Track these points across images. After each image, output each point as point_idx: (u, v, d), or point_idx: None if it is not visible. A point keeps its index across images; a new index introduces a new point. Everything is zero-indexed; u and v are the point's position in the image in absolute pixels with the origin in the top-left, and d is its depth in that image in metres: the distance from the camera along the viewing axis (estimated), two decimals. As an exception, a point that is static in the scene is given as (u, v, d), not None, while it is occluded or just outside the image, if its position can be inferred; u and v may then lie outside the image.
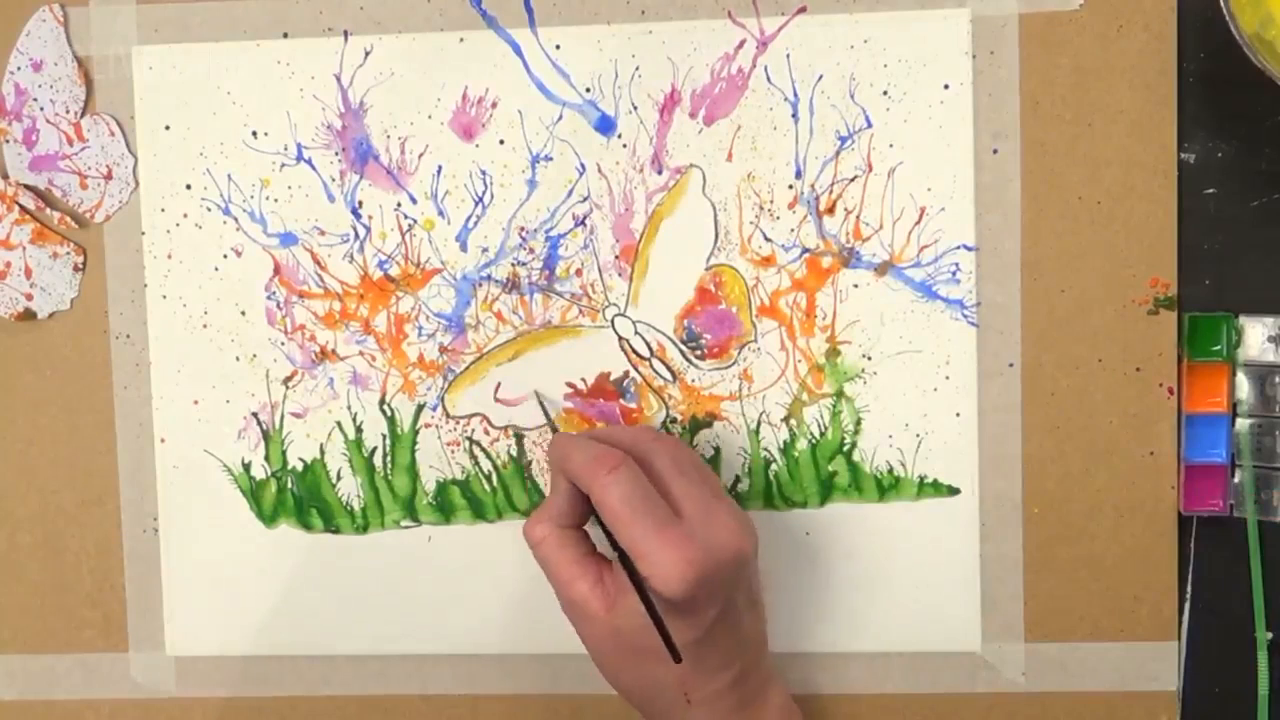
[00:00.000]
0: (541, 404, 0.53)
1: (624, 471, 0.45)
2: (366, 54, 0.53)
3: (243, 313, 0.55)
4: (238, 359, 0.55)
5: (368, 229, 0.54)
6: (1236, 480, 0.52)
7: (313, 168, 0.54)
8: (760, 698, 0.48)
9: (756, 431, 0.53)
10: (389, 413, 0.55)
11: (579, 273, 0.54)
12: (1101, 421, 0.52)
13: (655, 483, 0.46)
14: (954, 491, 0.53)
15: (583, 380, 0.54)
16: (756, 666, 0.48)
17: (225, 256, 0.55)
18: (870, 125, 0.52)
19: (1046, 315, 0.52)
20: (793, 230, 0.53)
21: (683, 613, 0.45)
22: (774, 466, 0.53)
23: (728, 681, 0.47)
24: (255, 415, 0.55)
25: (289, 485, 0.55)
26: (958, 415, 0.53)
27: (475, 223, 0.54)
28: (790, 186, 0.53)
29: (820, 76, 0.52)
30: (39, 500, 0.56)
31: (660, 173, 0.53)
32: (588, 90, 0.53)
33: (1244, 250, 0.52)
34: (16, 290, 0.55)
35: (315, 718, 0.56)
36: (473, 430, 0.54)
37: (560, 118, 0.53)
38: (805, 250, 0.53)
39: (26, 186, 0.55)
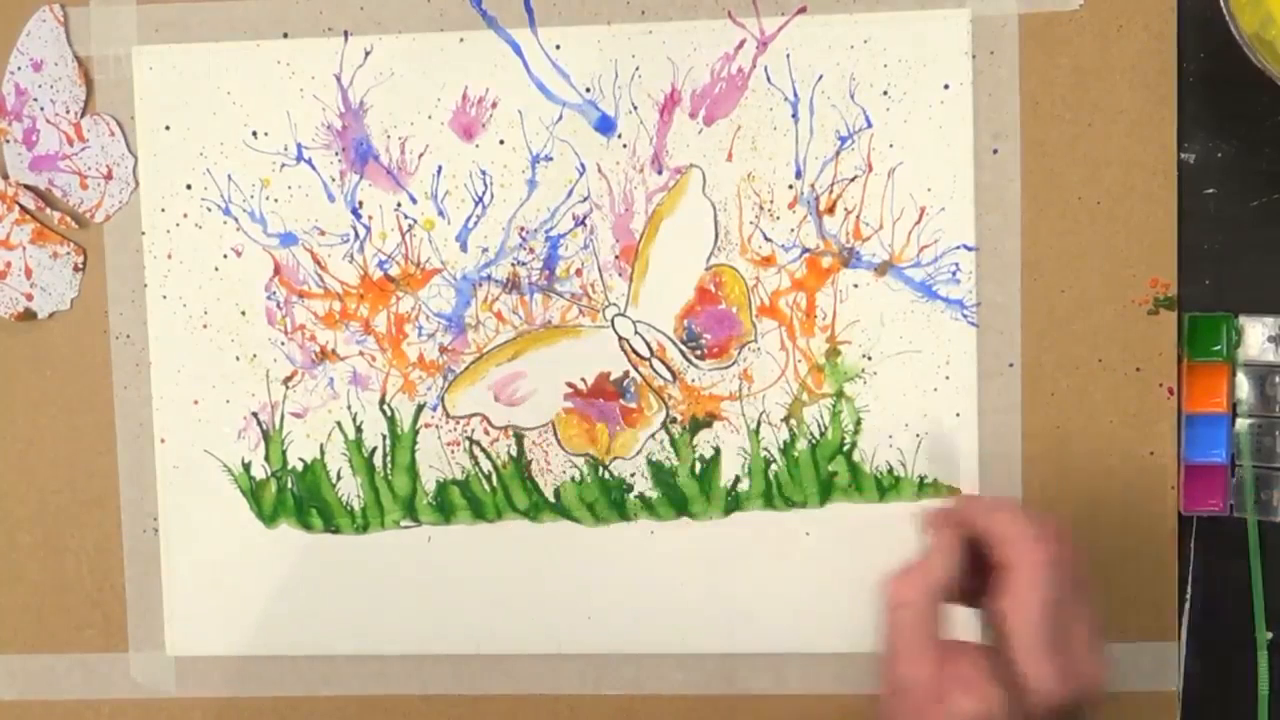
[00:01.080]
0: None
1: (1062, 569, 0.41)
2: (366, 54, 0.53)
3: (243, 313, 0.55)
4: (238, 359, 0.55)
5: (368, 229, 0.54)
6: (1236, 480, 0.52)
7: (313, 168, 0.54)
8: None
9: (756, 431, 0.53)
10: (389, 413, 0.55)
11: (579, 273, 0.54)
12: (1101, 421, 0.52)
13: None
14: (954, 491, 0.53)
15: (583, 380, 0.54)
16: None
17: (225, 256, 0.55)
18: (870, 125, 0.52)
19: (1046, 315, 0.52)
20: (793, 230, 0.53)
21: None
22: (774, 466, 0.53)
23: None
24: (255, 415, 0.55)
25: (289, 485, 0.55)
26: (958, 415, 0.53)
27: (475, 223, 0.54)
28: (790, 186, 0.53)
29: (820, 76, 0.52)
30: (39, 500, 0.56)
31: (660, 173, 0.53)
32: (588, 90, 0.53)
33: (1244, 250, 0.52)
34: (16, 290, 0.55)
35: (315, 718, 0.56)
36: (473, 430, 0.54)
37: (560, 118, 0.53)
38: (805, 250, 0.53)
39: (26, 186, 0.55)
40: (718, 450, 0.54)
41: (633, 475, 0.54)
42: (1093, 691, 0.42)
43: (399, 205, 0.54)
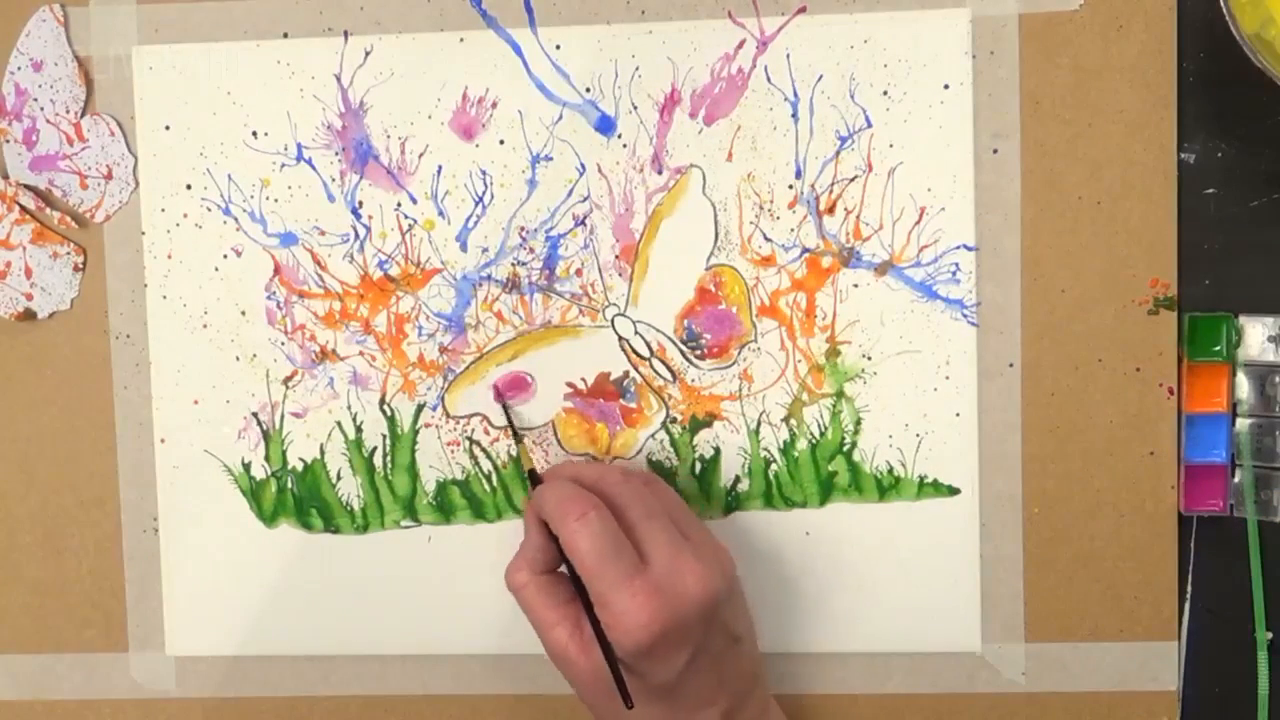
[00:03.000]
0: (508, 416, 0.54)
1: (592, 517, 0.46)
2: (366, 54, 0.53)
3: (243, 313, 0.55)
4: (238, 359, 0.55)
5: (368, 229, 0.54)
6: (1236, 480, 0.52)
7: (313, 168, 0.54)
8: None
9: (756, 431, 0.53)
10: (389, 413, 0.55)
11: (579, 273, 0.54)
12: (1101, 421, 0.52)
13: (623, 525, 0.46)
14: (954, 491, 0.53)
15: (583, 380, 0.54)
16: (746, 701, 0.48)
17: (225, 256, 0.55)
18: (870, 125, 0.52)
19: (1046, 315, 0.52)
20: (793, 230, 0.53)
21: (650, 659, 0.45)
22: (774, 466, 0.53)
23: (715, 716, 0.47)
24: (255, 415, 0.55)
25: (289, 485, 0.55)
26: (958, 415, 0.53)
27: (475, 223, 0.54)
28: (790, 186, 0.53)
29: (820, 76, 0.52)
30: (39, 500, 0.56)
31: (660, 173, 0.53)
32: (588, 90, 0.53)
33: (1244, 250, 0.52)
34: (16, 290, 0.55)
35: (315, 718, 0.56)
36: (473, 430, 0.54)
37: (560, 118, 0.53)
38: (805, 250, 0.53)
39: (26, 186, 0.55)
40: (718, 450, 0.54)
41: (633, 475, 0.54)
42: (690, 595, 0.45)
43: (399, 205, 0.54)
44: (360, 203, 0.54)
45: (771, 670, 0.54)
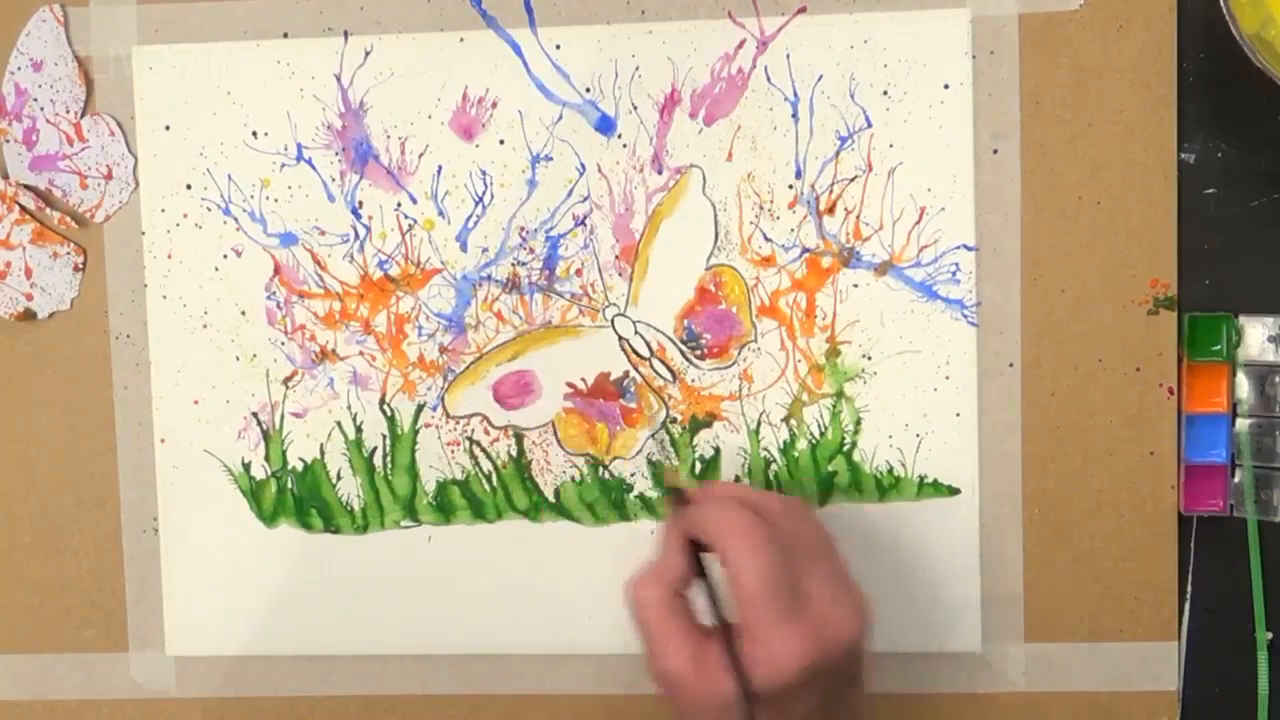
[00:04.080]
0: (666, 445, 0.53)
1: (764, 546, 0.43)
2: (366, 54, 0.53)
3: (243, 313, 0.55)
4: (238, 359, 0.55)
5: (368, 229, 0.54)
6: (1236, 480, 0.52)
7: (313, 168, 0.54)
8: None
9: (756, 431, 0.53)
10: (389, 413, 0.55)
11: (579, 273, 0.54)
12: (1101, 421, 0.52)
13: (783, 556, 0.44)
14: (954, 491, 0.53)
15: (583, 380, 0.54)
16: None
17: (225, 256, 0.55)
18: (870, 125, 0.52)
19: (1046, 315, 0.52)
20: (793, 230, 0.53)
21: (786, 697, 0.43)
22: (774, 466, 0.53)
23: None
24: (255, 415, 0.55)
25: (289, 485, 0.55)
26: (958, 415, 0.53)
27: (475, 223, 0.54)
28: (790, 186, 0.53)
29: (820, 76, 0.52)
30: (39, 500, 0.56)
31: (660, 173, 0.53)
32: (588, 90, 0.53)
33: (1244, 250, 0.52)
34: (16, 290, 0.55)
35: (315, 718, 0.56)
36: (473, 430, 0.54)
37: (560, 118, 0.53)
38: (805, 250, 0.53)
39: (26, 186, 0.55)
40: (718, 450, 0.54)
41: (633, 475, 0.54)
42: (839, 639, 0.43)
43: (399, 205, 0.54)
44: (360, 203, 0.54)
45: (771, 670, 0.54)
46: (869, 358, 0.53)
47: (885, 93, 0.52)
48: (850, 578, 0.46)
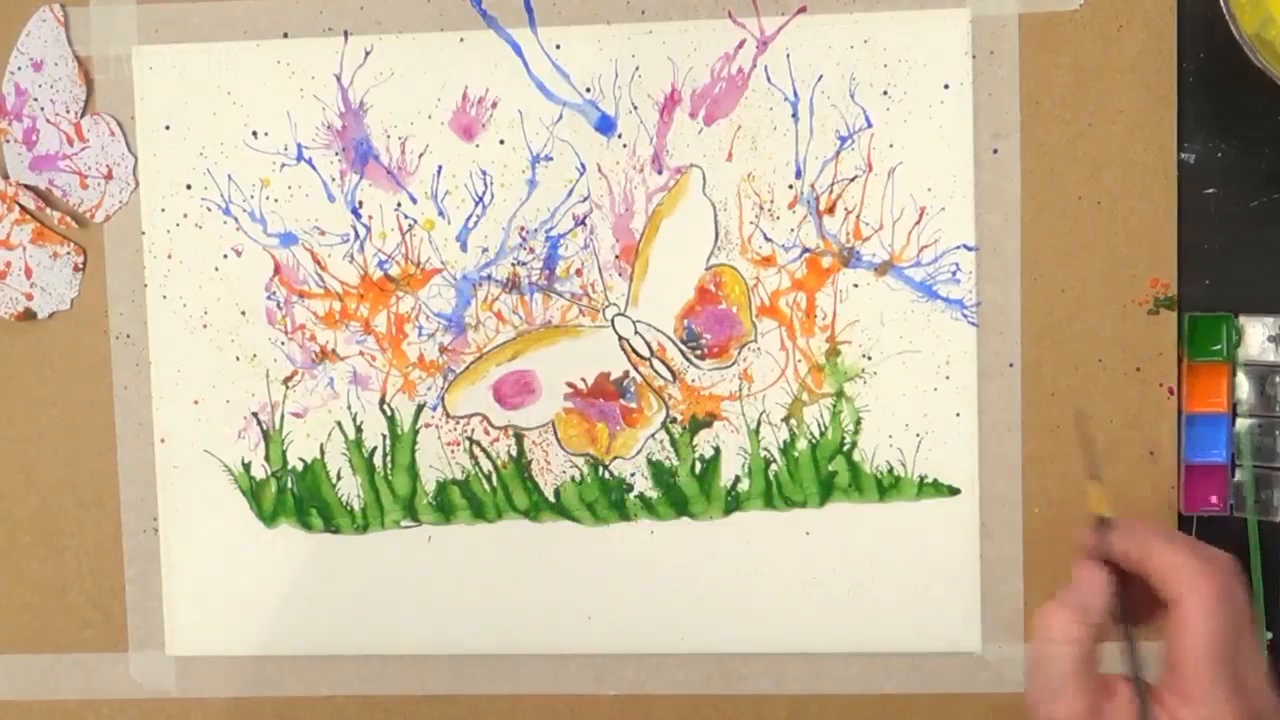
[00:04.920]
0: (1088, 441, 0.49)
1: (1228, 604, 0.39)
2: (366, 54, 0.53)
3: (243, 313, 0.55)
4: (238, 359, 0.55)
5: (368, 229, 0.54)
6: (1236, 480, 0.52)
7: (313, 168, 0.54)
8: None
9: (756, 431, 0.53)
10: (389, 413, 0.55)
11: (579, 273, 0.54)
12: (1101, 421, 0.52)
13: None
14: (954, 491, 0.53)
15: (583, 380, 0.54)
16: None
17: (225, 256, 0.55)
18: (870, 125, 0.52)
19: (1046, 315, 0.52)
20: (793, 230, 0.53)
21: None
22: (774, 466, 0.53)
23: None
24: (255, 415, 0.55)
25: (289, 485, 0.55)
26: (958, 415, 0.53)
27: (475, 223, 0.54)
28: (790, 186, 0.53)
29: (820, 76, 0.52)
30: (39, 500, 0.56)
31: (660, 173, 0.53)
32: (588, 90, 0.53)
33: (1244, 250, 0.52)
34: (16, 290, 0.55)
35: (315, 718, 0.56)
36: (473, 430, 0.54)
37: (560, 118, 0.53)
38: (805, 250, 0.53)
39: (27, 186, 0.55)
40: (718, 450, 0.54)
41: (633, 475, 0.54)
42: None
43: (399, 205, 0.54)
44: (360, 203, 0.54)
45: (772, 670, 0.54)
46: (869, 358, 0.53)
47: (885, 93, 0.52)
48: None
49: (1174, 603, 0.39)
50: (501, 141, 0.53)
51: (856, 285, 0.53)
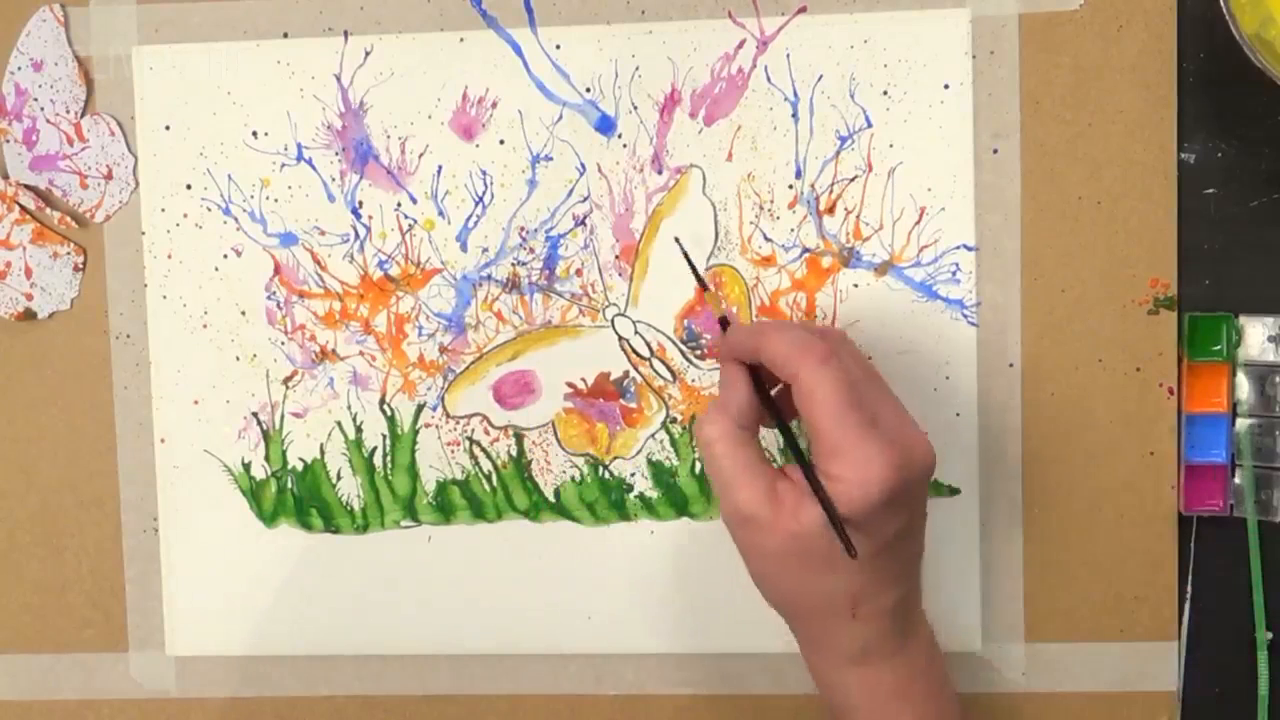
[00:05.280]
0: (690, 261, 0.51)
1: (837, 363, 0.42)
2: (366, 54, 0.53)
3: (243, 313, 0.55)
4: (238, 359, 0.55)
5: (368, 229, 0.54)
6: (1236, 480, 0.52)
7: (313, 168, 0.54)
8: (914, 629, 0.46)
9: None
10: (389, 413, 0.55)
11: (579, 273, 0.54)
12: (1101, 421, 0.52)
13: None
14: (954, 491, 0.53)
15: (583, 380, 0.54)
16: (915, 593, 0.46)
17: (225, 256, 0.55)
18: (870, 125, 0.52)
19: (1046, 315, 0.52)
20: (793, 230, 0.53)
21: (869, 521, 0.42)
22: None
23: (894, 600, 0.45)
24: (255, 415, 0.55)
25: (289, 485, 0.55)
26: (958, 415, 0.53)
27: (475, 223, 0.54)
28: (790, 186, 0.53)
29: (820, 76, 0.52)
30: (39, 500, 0.56)
31: (660, 173, 0.53)
32: (588, 90, 0.53)
33: (1244, 250, 0.52)
34: (16, 290, 0.55)
35: (315, 718, 0.56)
36: (473, 430, 0.54)
37: (560, 118, 0.53)
38: (805, 250, 0.53)
39: (26, 186, 0.55)
40: (718, 450, 0.54)
41: (633, 475, 0.54)
42: (921, 459, 0.43)
43: (399, 205, 0.54)
44: (360, 203, 0.54)
45: (772, 670, 0.54)
46: (869, 357, 0.53)
47: (885, 93, 0.52)
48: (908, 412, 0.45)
49: (793, 380, 0.43)
50: (501, 141, 0.53)
51: (856, 285, 0.53)
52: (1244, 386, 0.52)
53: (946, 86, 0.52)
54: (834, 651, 0.45)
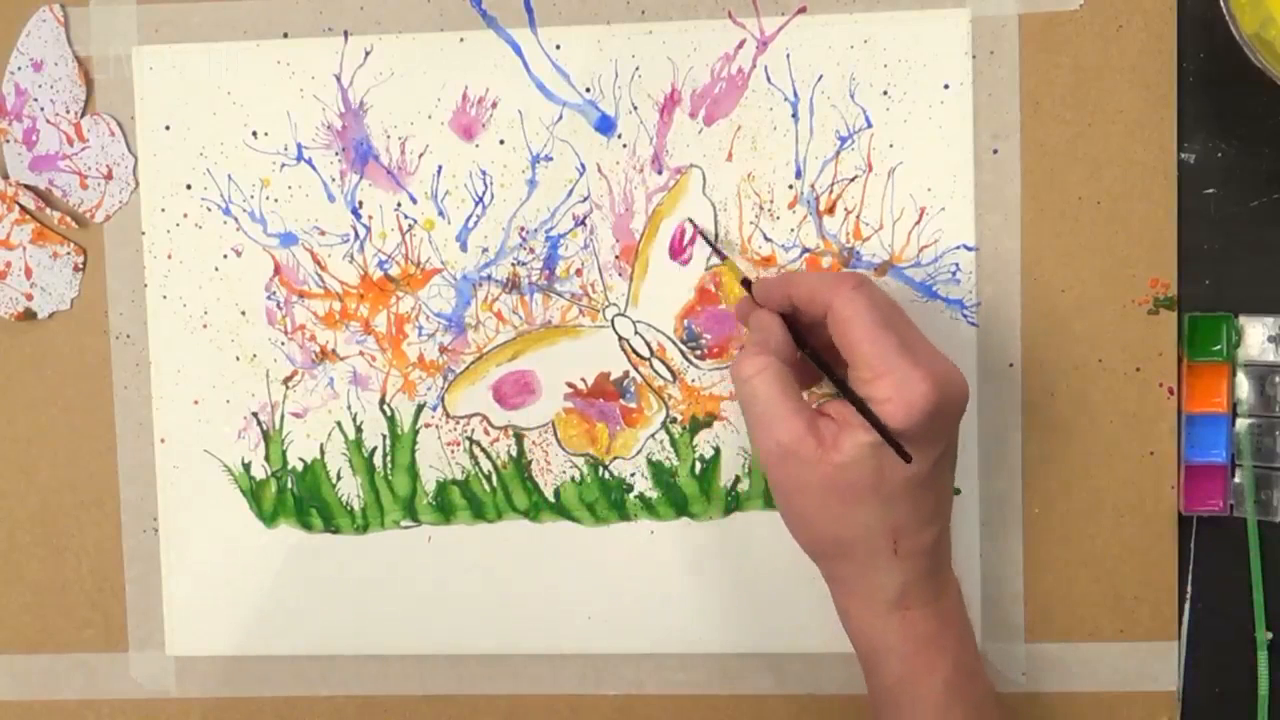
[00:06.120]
0: (704, 235, 0.52)
1: (870, 288, 0.43)
2: (366, 54, 0.53)
3: (243, 313, 0.55)
4: (238, 359, 0.55)
5: (368, 229, 0.54)
6: (1236, 480, 0.52)
7: (313, 168, 0.54)
8: (946, 582, 0.47)
9: (756, 431, 0.53)
10: (389, 413, 0.55)
11: (579, 273, 0.54)
12: (1101, 421, 0.52)
13: None
14: (954, 491, 0.53)
15: (583, 380, 0.54)
16: (948, 538, 0.47)
17: (225, 256, 0.55)
18: (870, 125, 0.52)
19: (1046, 315, 0.52)
20: (793, 230, 0.53)
21: (912, 440, 0.42)
22: (774, 466, 0.53)
23: (932, 538, 0.45)
24: (255, 415, 0.55)
25: (289, 485, 0.55)
26: (958, 415, 0.53)
27: (475, 223, 0.54)
28: (790, 186, 0.53)
29: (820, 76, 0.52)
30: (39, 500, 0.56)
31: (660, 173, 0.53)
32: (588, 90, 0.53)
33: (1244, 250, 0.52)
34: (16, 290, 0.55)
35: (315, 718, 0.56)
36: (473, 430, 0.54)
37: (560, 118, 0.53)
38: (805, 250, 0.53)
39: (26, 186, 0.55)
40: (718, 450, 0.54)
41: (633, 475, 0.54)
42: (958, 385, 0.43)
43: (399, 205, 0.54)
44: (360, 203, 0.54)
45: (772, 670, 0.54)
46: (869, 358, 0.53)
47: (885, 93, 0.52)
48: None
49: (828, 309, 0.44)
50: (501, 141, 0.53)
51: (856, 285, 0.53)
52: (1244, 386, 0.52)
53: (946, 87, 0.52)
54: (873, 596, 0.45)
